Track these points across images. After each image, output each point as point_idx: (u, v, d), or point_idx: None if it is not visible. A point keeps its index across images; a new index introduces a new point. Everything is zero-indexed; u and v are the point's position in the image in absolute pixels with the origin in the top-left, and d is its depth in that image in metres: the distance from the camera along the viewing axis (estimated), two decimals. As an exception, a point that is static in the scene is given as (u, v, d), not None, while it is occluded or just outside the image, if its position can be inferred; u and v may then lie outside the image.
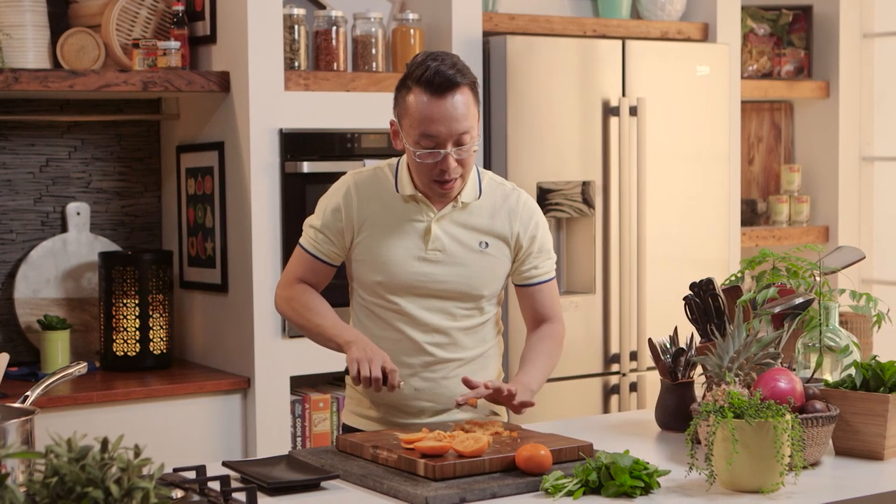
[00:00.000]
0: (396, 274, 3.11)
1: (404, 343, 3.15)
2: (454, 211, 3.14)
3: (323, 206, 3.19)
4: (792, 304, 3.14)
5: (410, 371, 3.15)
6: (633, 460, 2.58)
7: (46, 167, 4.67)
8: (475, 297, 3.17)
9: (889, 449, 2.89)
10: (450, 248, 3.13)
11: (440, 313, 3.15)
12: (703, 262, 5.12)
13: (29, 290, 4.57)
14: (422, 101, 3.00)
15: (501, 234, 3.18)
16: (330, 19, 4.63)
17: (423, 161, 3.02)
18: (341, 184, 3.19)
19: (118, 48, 4.46)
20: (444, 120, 2.99)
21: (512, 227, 3.19)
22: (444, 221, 3.13)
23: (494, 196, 3.19)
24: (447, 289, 3.13)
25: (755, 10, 5.86)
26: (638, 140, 4.95)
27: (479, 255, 3.15)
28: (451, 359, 3.17)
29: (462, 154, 3.03)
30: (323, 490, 2.65)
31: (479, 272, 3.15)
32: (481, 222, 3.16)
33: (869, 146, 5.94)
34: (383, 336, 3.15)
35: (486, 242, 3.16)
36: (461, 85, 3.01)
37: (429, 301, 3.13)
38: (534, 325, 3.30)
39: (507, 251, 3.19)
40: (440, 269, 3.12)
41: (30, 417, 2.59)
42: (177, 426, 4.25)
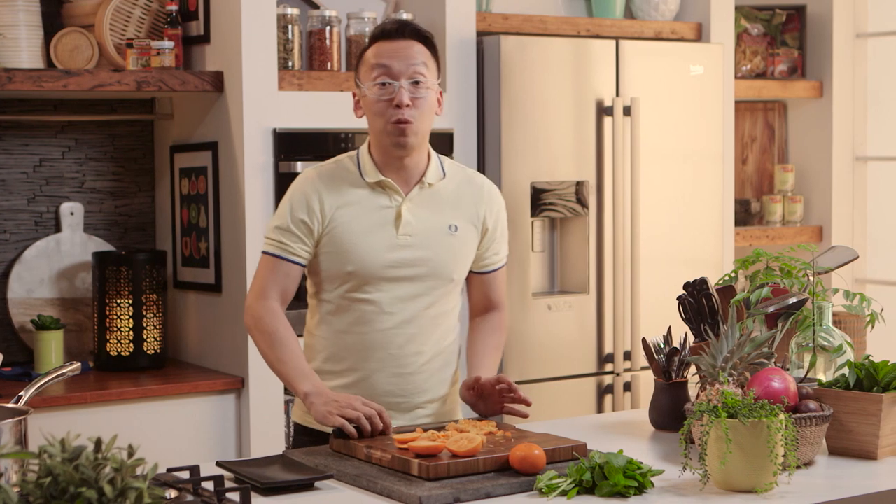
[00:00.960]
0: (369, 261, 3.10)
1: (372, 335, 3.12)
2: (421, 192, 3.15)
3: (287, 204, 3.16)
4: (785, 304, 3.15)
5: (378, 366, 3.13)
6: (626, 460, 2.58)
7: (40, 167, 4.67)
8: (446, 282, 3.17)
9: (882, 449, 2.90)
10: (421, 232, 3.13)
11: (411, 301, 3.13)
12: (697, 261, 5.12)
13: (23, 290, 4.56)
14: (377, 46, 3.12)
15: (469, 218, 3.20)
16: (324, 19, 4.63)
17: (380, 98, 3.06)
18: (303, 179, 3.17)
19: (112, 48, 4.46)
20: (397, 55, 3.08)
21: (479, 210, 3.22)
22: (413, 204, 3.14)
23: (458, 179, 3.23)
24: (419, 273, 3.13)
25: (749, 9, 5.87)
26: (632, 140, 4.96)
27: (449, 237, 3.16)
28: (420, 350, 3.16)
29: (417, 93, 3.08)
30: (317, 490, 2.65)
31: (450, 255, 3.16)
32: (448, 204, 3.18)
33: (862, 146, 5.95)
34: (351, 331, 3.13)
35: (456, 226, 3.18)
36: (417, 35, 3.12)
37: (401, 287, 3.12)
38: (481, 311, 3.33)
39: (475, 235, 3.22)
40: (412, 253, 3.12)
41: (23, 417, 2.59)
42: (171, 426, 4.25)
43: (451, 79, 4.72)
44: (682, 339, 3.23)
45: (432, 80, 3.12)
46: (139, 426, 4.18)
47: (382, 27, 3.15)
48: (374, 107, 3.10)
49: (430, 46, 3.15)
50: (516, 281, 4.75)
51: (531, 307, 4.78)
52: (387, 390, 3.16)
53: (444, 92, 4.70)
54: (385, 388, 3.16)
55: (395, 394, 3.17)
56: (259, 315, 3.13)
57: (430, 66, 3.12)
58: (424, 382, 3.19)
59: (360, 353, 3.14)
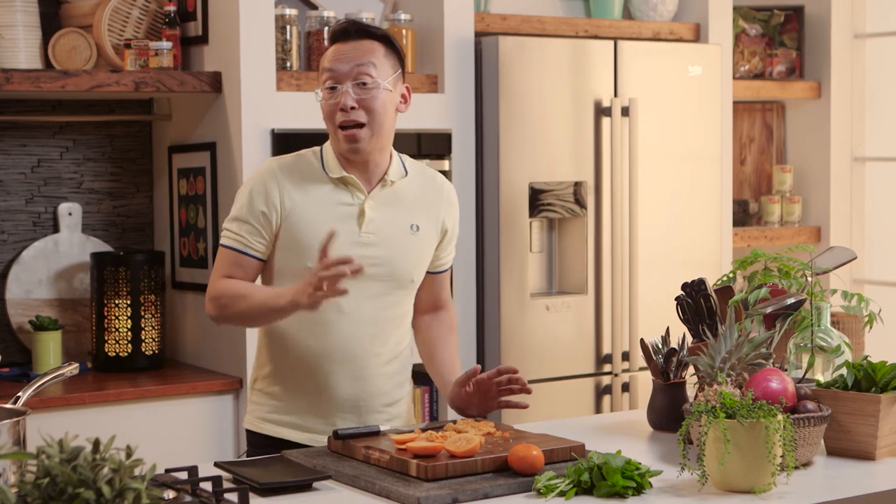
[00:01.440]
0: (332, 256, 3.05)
1: (332, 336, 3.08)
2: (384, 190, 3.13)
3: (245, 195, 3.09)
4: (784, 305, 3.15)
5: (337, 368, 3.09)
6: (625, 460, 2.58)
7: (38, 167, 4.66)
8: (404, 282, 3.15)
9: (881, 449, 2.90)
10: (383, 230, 3.11)
11: (370, 301, 3.10)
12: (695, 262, 5.13)
13: (21, 291, 4.56)
14: (329, 49, 3.11)
15: (431, 218, 3.19)
16: (322, 20, 4.63)
17: (326, 101, 3.06)
18: (263, 169, 3.12)
19: (110, 48, 4.46)
20: (343, 58, 3.06)
21: (440, 211, 3.22)
22: (375, 202, 3.11)
23: (421, 178, 3.21)
24: (381, 272, 3.09)
25: (747, 10, 5.87)
26: (630, 140, 4.96)
27: (411, 237, 3.14)
28: (379, 352, 3.13)
29: (363, 94, 3.05)
30: (315, 491, 2.65)
31: (412, 255, 3.15)
32: (410, 203, 3.16)
33: (860, 146, 5.95)
34: (311, 331, 3.09)
35: (417, 226, 3.16)
36: (367, 33, 3.09)
37: (361, 286, 3.06)
38: (428, 311, 3.33)
39: (435, 236, 3.21)
40: (374, 252, 3.09)
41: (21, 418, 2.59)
42: (169, 427, 4.25)
43: (450, 79, 4.73)
44: (681, 340, 3.23)
45: (384, 78, 3.07)
46: (137, 427, 4.18)
47: (333, 29, 3.14)
48: (324, 111, 3.10)
49: (384, 42, 3.11)
50: (514, 281, 4.75)
51: (529, 308, 4.78)
52: (347, 393, 3.12)
53: (442, 92, 4.71)
54: (345, 390, 3.11)
55: (356, 396, 3.13)
56: (216, 294, 3.06)
57: (381, 64, 3.07)
58: (384, 385, 3.16)
59: (318, 354, 3.09)
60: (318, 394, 3.11)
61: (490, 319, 4.77)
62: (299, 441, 3.11)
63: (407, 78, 4.65)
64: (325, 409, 3.11)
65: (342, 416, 3.12)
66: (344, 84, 3.04)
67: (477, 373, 3.11)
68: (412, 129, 4.63)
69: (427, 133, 4.66)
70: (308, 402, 3.11)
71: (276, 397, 3.14)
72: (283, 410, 3.13)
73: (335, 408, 3.11)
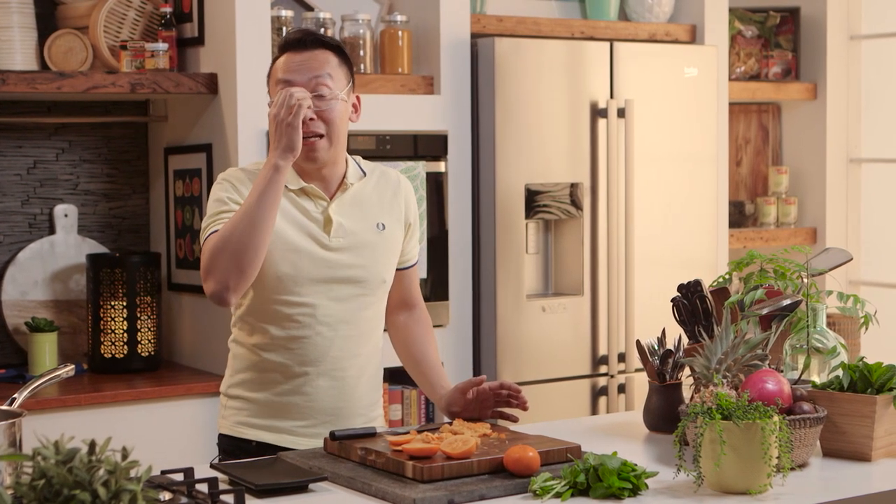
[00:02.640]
0: (300, 267, 3.04)
1: (310, 339, 3.07)
2: (345, 194, 3.12)
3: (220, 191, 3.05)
4: (779, 306, 3.15)
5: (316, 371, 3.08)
6: (621, 462, 2.58)
7: (34, 169, 4.66)
8: (377, 283, 3.14)
9: (877, 450, 2.90)
10: (352, 234, 3.10)
11: (344, 303, 3.09)
12: (691, 263, 5.13)
13: (16, 292, 4.56)
14: (282, 59, 3.08)
15: (394, 214, 3.19)
16: (318, 21, 4.62)
17: None
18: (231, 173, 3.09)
19: (106, 50, 4.46)
20: (299, 69, 3.05)
21: (401, 206, 3.22)
22: (339, 207, 3.10)
23: (377, 177, 3.21)
24: (354, 275, 3.09)
25: (743, 12, 5.87)
26: (626, 142, 4.96)
27: (378, 236, 3.14)
28: (357, 354, 3.13)
29: (321, 105, 3.03)
30: (311, 492, 2.65)
31: (380, 255, 3.15)
32: (372, 203, 3.16)
33: (856, 148, 5.96)
34: (287, 335, 3.07)
35: (383, 224, 3.16)
36: (322, 44, 3.08)
37: (333, 289, 3.07)
38: (401, 309, 3.32)
39: (401, 231, 3.21)
40: (344, 256, 3.08)
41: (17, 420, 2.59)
42: (165, 428, 4.24)
43: (446, 81, 4.73)
44: (676, 341, 3.24)
45: (339, 88, 3.07)
46: (133, 428, 4.17)
47: (286, 38, 3.11)
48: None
49: (337, 53, 3.10)
50: (511, 282, 4.75)
51: (525, 309, 4.78)
52: (327, 395, 3.11)
53: (438, 94, 4.71)
54: (324, 393, 3.11)
55: (336, 399, 3.12)
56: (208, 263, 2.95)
57: (336, 74, 3.06)
58: (362, 387, 3.16)
59: (297, 359, 3.08)
60: (298, 397, 3.09)
61: (486, 320, 4.77)
62: (279, 444, 3.09)
63: (403, 79, 4.68)
64: (306, 412, 3.10)
65: (322, 419, 3.11)
66: None
67: (482, 382, 3.12)
68: (408, 130, 4.63)
69: (423, 134, 4.66)
70: (288, 406, 3.10)
71: (254, 402, 3.12)
72: (262, 414, 3.11)
73: (315, 410, 3.10)
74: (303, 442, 3.08)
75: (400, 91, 4.67)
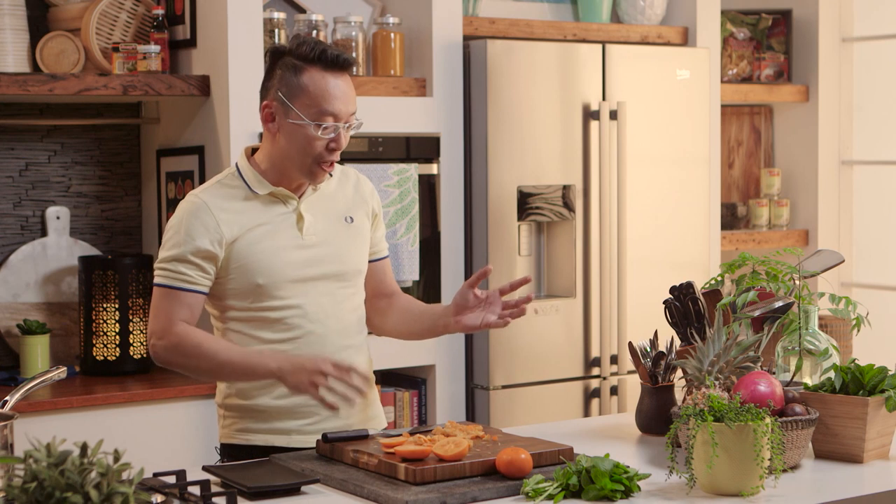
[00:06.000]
0: (277, 269, 3.06)
1: (303, 338, 3.10)
2: (314, 193, 3.16)
3: (181, 233, 3.05)
4: (772, 308, 3.15)
5: None
6: (613, 464, 2.59)
7: (26, 171, 4.66)
8: (354, 274, 3.19)
9: (868, 452, 2.90)
10: (323, 230, 3.14)
11: (328, 298, 3.13)
12: (683, 265, 5.13)
13: (8, 295, 4.55)
14: (321, 79, 3.05)
15: (360, 206, 3.24)
16: (310, 23, 4.62)
17: (323, 137, 3.03)
18: (193, 206, 3.07)
19: (98, 52, 4.45)
20: (343, 98, 3.06)
21: (364, 198, 3.26)
22: (309, 205, 3.14)
23: (337, 175, 3.24)
24: (329, 271, 3.13)
25: (735, 14, 5.88)
26: (618, 144, 4.96)
27: (348, 229, 3.18)
28: (347, 345, 3.16)
29: (349, 134, 3.09)
30: (304, 494, 2.65)
31: (352, 247, 3.19)
32: (339, 198, 3.21)
33: (848, 150, 5.96)
34: (279, 339, 3.09)
35: (351, 217, 3.20)
36: (350, 64, 3.10)
37: (315, 286, 3.10)
38: (380, 298, 3.35)
39: (367, 222, 3.25)
40: (319, 252, 3.12)
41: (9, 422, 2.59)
42: (157, 431, 4.24)
43: (438, 83, 4.73)
44: (669, 343, 3.24)
45: None
46: (125, 431, 4.17)
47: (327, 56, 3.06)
48: (304, 140, 3.05)
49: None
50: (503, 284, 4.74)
51: (518, 311, 4.78)
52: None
53: (430, 96, 4.71)
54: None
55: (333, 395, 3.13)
56: (173, 343, 3.02)
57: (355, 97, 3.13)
58: None
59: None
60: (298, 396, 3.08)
61: (479, 323, 4.76)
62: (284, 445, 3.09)
63: (396, 81, 4.68)
64: (309, 409, 3.11)
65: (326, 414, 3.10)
66: (340, 123, 3.06)
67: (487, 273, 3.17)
68: (401, 132, 4.63)
69: (415, 136, 4.66)
70: (291, 407, 3.10)
71: (255, 408, 3.12)
72: (267, 418, 3.11)
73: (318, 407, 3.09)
74: (313, 440, 3.08)
75: (392, 93, 4.67)
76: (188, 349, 3.02)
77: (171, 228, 3.08)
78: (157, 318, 3.05)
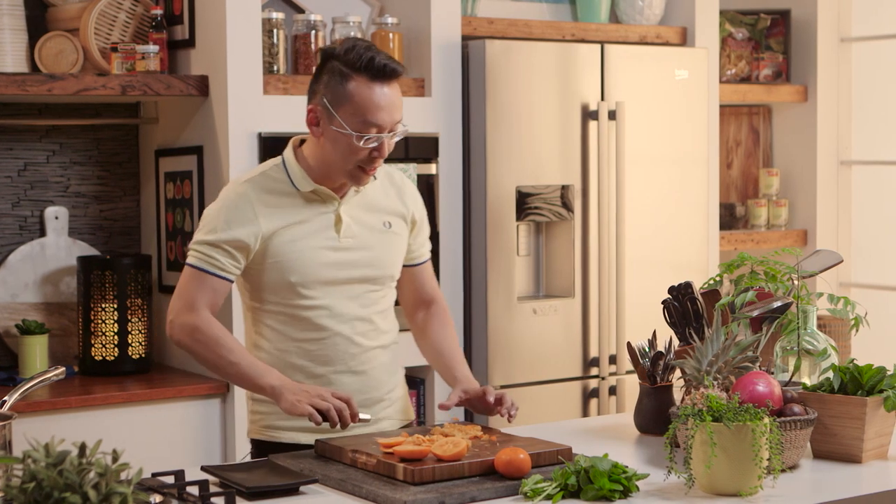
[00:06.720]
0: (311, 269, 3.08)
1: (331, 338, 3.13)
2: (356, 196, 3.17)
3: (219, 219, 3.09)
4: (770, 308, 3.15)
5: (337, 367, 3.14)
6: (611, 464, 2.59)
7: (24, 171, 4.66)
8: (386, 279, 3.21)
9: (867, 452, 2.91)
10: (360, 234, 3.15)
11: (357, 300, 3.15)
12: (682, 265, 5.13)
13: (7, 295, 4.55)
14: (367, 89, 3.04)
15: (399, 212, 3.24)
16: (309, 23, 4.62)
17: (366, 146, 3.04)
18: (236, 193, 3.11)
19: (96, 52, 4.45)
20: (388, 108, 3.06)
21: (405, 203, 3.26)
22: (349, 207, 3.15)
23: (381, 178, 3.26)
24: (362, 275, 3.15)
25: (733, 14, 5.88)
26: (617, 144, 4.96)
27: (385, 234, 3.20)
28: (374, 346, 3.19)
29: (393, 141, 3.10)
30: (302, 494, 2.65)
31: (388, 252, 3.20)
32: (379, 203, 3.21)
33: (847, 150, 5.96)
34: (307, 337, 3.13)
35: (389, 222, 3.21)
36: (397, 73, 3.09)
37: (346, 289, 3.13)
38: (419, 307, 3.37)
39: (405, 228, 3.26)
40: (354, 256, 3.14)
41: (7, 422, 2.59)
42: (155, 431, 4.24)
43: (437, 83, 4.73)
44: (667, 343, 3.24)
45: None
46: (124, 431, 4.17)
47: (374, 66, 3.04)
48: (349, 148, 3.05)
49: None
50: (502, 285, 4.75)
51: (516, 311, 4.78)
52: (351, 389, 3.14)
53: (429, 96, 4.71)
54: (349, 387, 3.15)
55: (360, 391, 3.16)
56: (193, 325, 3.07)
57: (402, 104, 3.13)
58: (381, 375, 3.22)
59: (318, 359, 3.14)
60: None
61: (477, 323, 4.77)
62: (310, 443, 3.10)
63: (394, 81, 4.68)
64: None
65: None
66: (384, 132, 3.06)
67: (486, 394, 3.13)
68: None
69: (414, 137, 4.65)
70: None
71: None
72: (289, 416, 3.11)
73: None
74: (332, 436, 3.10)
75: (391, 93, 4.66)
76: (204, 338, 3.06)
77: (210, 213, 3.12)
78: (180, 297, 3.11)
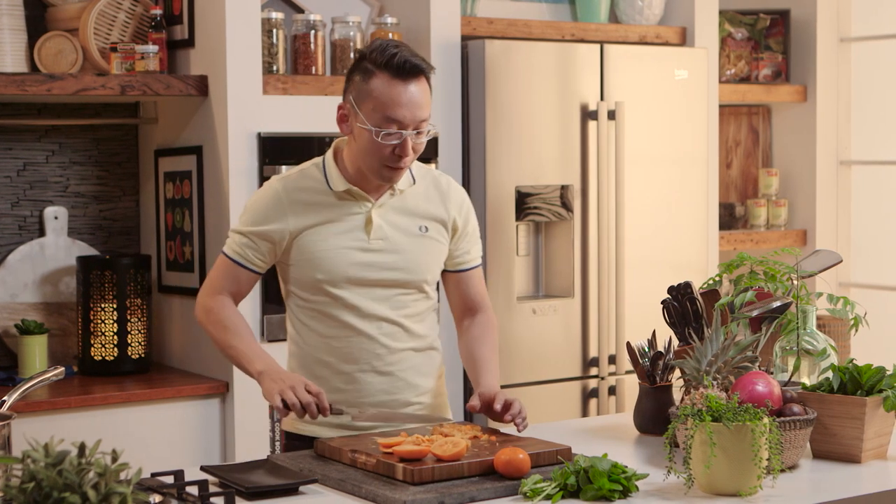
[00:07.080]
0: (338, 269, 3.11)
1: (356, 338, 3.15)
2: (392, 199, 3.17)
3: (251, 212, 3.17)
4: (769, 308, 3.15)
5: (365, 367, 3.16)
6: (611, 464, 2.59)
7: (24, 171, 4.65)
8: (418, 283, 3.20)
9: (866, 452, 2.90)
10: (392, 236, 3.16)
11: (386, 302, 3.16)
12: (682, 265, 5.13)
13: (6, 295, 4.55)
14: (388, 85, 3.04)
15: (439, 218, 3.22)
16: (308, 23, 4.62)
17: (386, 143, 3.04)
18: (270, 189, 3.17)
19: (96, 52, 4.45)
20: (409, 105, 3.04)
21: (447, 209, 3.24)
22: (383, 210, 3.16)
23: (426, 181, 3.25)
24: (391, 277, 3.15)
25: (733, 14, 5.88)
26: (616, 144, 4.96)
27: (420, 239, 3.19)
28: (404, 349, 3.19)
29: (418, 140, 3.08)
30: (301, 494, 2.65)
31: (422, 256, 3.19)
32: (418, 207, 3.20)
33: (846, 150, 5.96)
34: (334, 335, 3.16)
35: (426, 227, 3.20)
36: (424, 72, 3.09)
37: (374, 291, 3.14)
38: (465, 314, 3.35)
39: (445, 234, 3.24)
40: (383, 258, 3.14)
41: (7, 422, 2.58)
42: (155, 431, 4.24)
43: (436, 83, 4.70)
44: (667, 343, 3.24)
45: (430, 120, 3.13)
46: (123, 431, 4.17)
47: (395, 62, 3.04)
48: (370, 145, 3.06)
49: (429, 78, 3.13)
50: (501, 285, 4.75)
51: (516, 311, 4.78)
52: (377, 388, 3.17)
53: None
54: (375, 386, 3.17)
55: (386, 391, 3.18)
56: (209, 307, 3.18)
57: (429, 101, 3.10)
58: (413, 378, 3.21)
59: (343, 357, 3.16)
60: (350, 391, 3.16)
61: (477, 323, 4.76)
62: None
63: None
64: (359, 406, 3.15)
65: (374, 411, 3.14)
66: (406, 130, 3.05)
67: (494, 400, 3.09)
68: (399, 132, 4.63)
69: (414, 136, 4.65)
70: (339, 401, 3.14)
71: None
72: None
73: (367, 405, 3.15)
74: None
75: (390, 93, 4.66)
76: (214, 319, 3.17)
77: (250, 206, 3.19)
78: (209, 280, 3.22)
